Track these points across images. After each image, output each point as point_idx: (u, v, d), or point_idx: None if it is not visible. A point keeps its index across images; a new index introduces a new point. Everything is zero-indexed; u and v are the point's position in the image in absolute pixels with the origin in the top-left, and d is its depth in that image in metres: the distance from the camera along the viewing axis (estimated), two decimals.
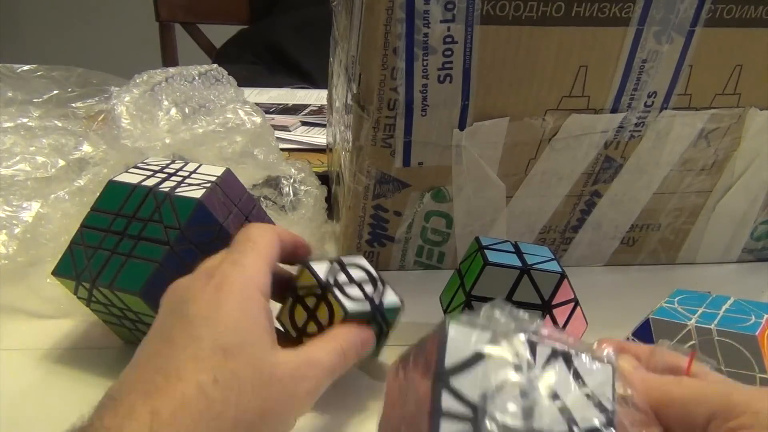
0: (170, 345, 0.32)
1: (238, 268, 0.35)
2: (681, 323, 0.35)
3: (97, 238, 0.41)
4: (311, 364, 0.35)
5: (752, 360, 0.33)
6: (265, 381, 0.33)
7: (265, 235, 0.38)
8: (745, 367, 0.33)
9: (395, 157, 0.50)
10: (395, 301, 0.40)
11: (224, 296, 0.34)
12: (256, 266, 0.36)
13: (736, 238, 0.60)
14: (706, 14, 0.47)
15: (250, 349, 0.33)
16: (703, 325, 0.35)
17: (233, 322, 0.33)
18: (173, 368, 0.31)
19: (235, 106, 0.56)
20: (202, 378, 0.31)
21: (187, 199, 0.41)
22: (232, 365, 0.32)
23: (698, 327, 0.35)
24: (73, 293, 0.42)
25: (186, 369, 0.31)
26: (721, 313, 0.36)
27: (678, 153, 0.53)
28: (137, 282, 0.39)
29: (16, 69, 0.65)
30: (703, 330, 0.35)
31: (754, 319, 0.35)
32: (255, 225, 0.39)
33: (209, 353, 0.32)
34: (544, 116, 0.49)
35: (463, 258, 0.44)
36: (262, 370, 0.33)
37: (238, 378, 0.32)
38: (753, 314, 0.36)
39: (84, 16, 2.24)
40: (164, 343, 0.33)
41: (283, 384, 0.33)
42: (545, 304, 0.41)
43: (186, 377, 0.31)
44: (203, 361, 0.31)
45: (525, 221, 0.56)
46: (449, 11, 0.44)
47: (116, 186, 0.42)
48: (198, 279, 0.35)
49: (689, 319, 0.35)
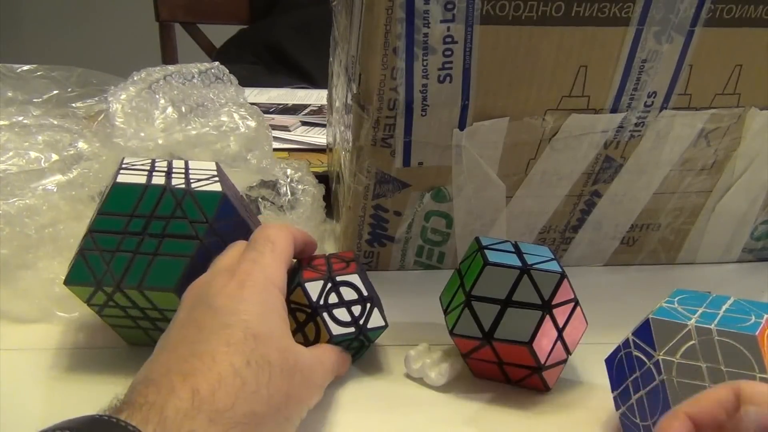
0: (200, 331, 0.35)
1: (258, 266, 0.38)
2: (681, 323, 0.35)
3: (114, 241, 0.41)
4: (321, 363, 0.39)
5: (752, 360, 0.33)
6: (291, 367, 0.36)
7: (282, 234, 0.41)
8: (746, 368, 0.33)
9: (395, 157, 0.50)
10: (380, 323, 0.43)
11: (248, 291, 0.36)
12: (274, 265, 0.39)
13: (736, 238, 0.60)
14: (706, 14, 0.47)
15: (278, 337, 0.36)
16: (703, 325, 0.35)
17: (259, 314, 0.36)
18: (207, 352, 0.33)
19: (231, 109, 0.56)
20: (236, 361, 0.33)
21: (211, 192, 0.42)
22: (262, 350, 0.34)
23: (698, 327, 0.35)
24: (86, 301, 0.42)
25: (219, 352, 0.33)
26: (721, 313, 0.36)
27: (678, 153, 0.53)
28: (171, 279, 0.40)
29: (16, 69, 0.65)
30: (703, 330, 0.34)
31: (754, 319, 0.35)
32: (272, 225, 0.42)
33: (241, 338, 0.34)
34: (544, 116, 0.49)
35: (463, 258, 0.44)
36: (287, 358, 0.36)
37: (269, 362, 0.34)
38: (753, 314, 0.35)
39: (84, 16, 2.24)
40: (194, 330, 0.35)
41: (303, 373, 0.36)
42: (545, 304, 0.40)
43: (220, 360, 0.33)
44: (236, 346, 0.34)
45: (525, 221, 0.56)
46: (449, 11, 0.44)
47: (124, 187, 0.42)
48: (219, 276, 0.38)
49: (689, 319, 0.35)
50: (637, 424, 0.37)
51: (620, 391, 0.38)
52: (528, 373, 0.42)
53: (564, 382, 0.44)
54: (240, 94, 0.63)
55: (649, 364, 0.36)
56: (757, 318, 0.35)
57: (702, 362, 0.34)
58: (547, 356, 0.41)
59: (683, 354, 0.34)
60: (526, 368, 0.42)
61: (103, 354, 0.44)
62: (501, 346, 0.41)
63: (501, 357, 0.42)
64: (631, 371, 0.37)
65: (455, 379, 0.43)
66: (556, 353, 0.41)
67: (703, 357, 0.34)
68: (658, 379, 0.35)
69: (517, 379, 0.43)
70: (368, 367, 0.45)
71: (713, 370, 0.34)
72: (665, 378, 0.35)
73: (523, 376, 0.42)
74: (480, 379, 0.44)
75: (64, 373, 0.43)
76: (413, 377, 0.43)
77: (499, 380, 0.43)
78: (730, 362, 0.33)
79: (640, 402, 0.36)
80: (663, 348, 0.35)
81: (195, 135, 0.54)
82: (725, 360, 0.34)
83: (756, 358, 0.33)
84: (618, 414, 0.38)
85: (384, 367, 0.45)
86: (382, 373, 0.44)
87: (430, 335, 0.47)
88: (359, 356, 0.45)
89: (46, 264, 0.47)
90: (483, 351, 0.41)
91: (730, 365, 0.33)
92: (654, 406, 0.35)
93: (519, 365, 0.42)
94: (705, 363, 0.34)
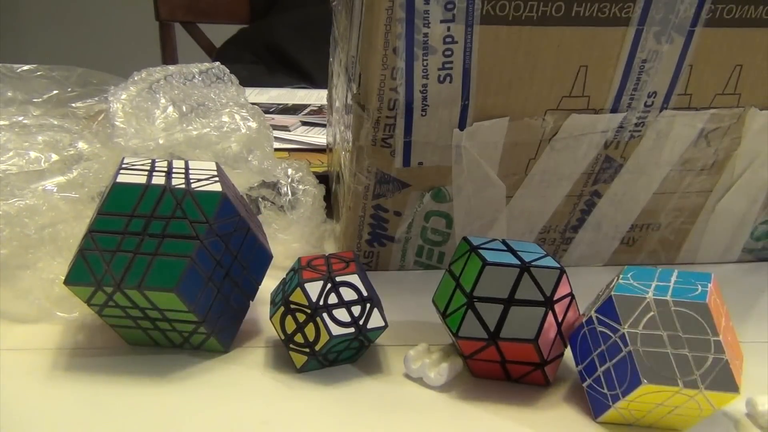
0: None
1: None
2: (640, 296, 0.38)
3: (114, 241, 0.41)
4: None
5: (705, 325, 0.37)
6: None
7: None
8: (701, 333, 0.37)
9: (395, 157, 0.50)
10: (380, 323, 0.43)
11: None
12: None
13: (736, 238, 0.60)
14: (706, 14, 0.47)
15: None
16: (659, 297, 0.38)
17: None
18: None
19: (232, 109, 0.56)
20: None
21: (211, 193, 0.42)
22: None
23: (656, 299, 0.38)
24: (86, 301, 0.42)
25: None
26: (671, 285, 0.39)
27: (678, 153, 0.53)
28: (171, 279, 0.40)
29: (16, 69, 0.65)
30: (661, 302, 0.38)
31: (701, 289, 0.39)
32: None
33: None
34: (544, 116, 0.49)
35: (454, 259, 0.44)
36: None
37: None
38: (699, 284, 0.39)
39: (84, 16, 2.24)
40: None
41: None
42: (548, 300, 0.41)
43: None
44: None
45: (525, 221, 0.56)
46: (449, 11, 0.44)
47: (124, 187, 0.42)
48: None
49: (646, 293, 0.38)
50: (605, 394, 0.39)
51: (585, 365, 0.40)
52: (530, 369, 0.42)
53: (561, 376, 0.44)
54: (241, 94, 0.63)
55: (615, 338, 0.38)
56: (702, 287, 0.39)
57: (662, 331, 0.37)
58: (549, 351, 0.41)
59: (645, 325, 0.38)
60: (529, 365, 0.42)
61: (103, 354, 0.44)
62: (506, 345, 0.41)
63: (505, 356, 0.42)
64: (596, 346, 0.40)
65: (454, 379, 0.43)
66: (555, 347, 0.42)
67: (663, 326, 0.38)
68: (625, 350, 0.38)
69: (519, 375, 0.43)
70: (368, 367, 0.45)
71: (673, 337, 0.37)
72: (632, 349, 0.37)
73: (525, 373, 0.42)
74: (479, 379, 0.44)
75: (64, 372, 0.43)
76: (412, 377, 0.43)
77: (499, 378, 0.43)
78: (687, 329, 0.37)
79: (607, 373, 0.39)
80: (627, 321, 0.38)
81: (196, 135, 0.54)
82: (683, 327, 0.37)
83: (708, 324, 0.37)
84: (585, 386, 0.41)
85: (383, 367, 0.45)
86: (382, 373, 0.44)
87: (429, 335, 0.47)
88: (359, 356, 0.45)
89: (45, 264, 0.47)
90: (487, 351, 0.41)
91: (688, 331, 0.37)
92: (622, 376, 0.38)
93: (522, 362, 0.42)
94: (665, 331, 0.37)
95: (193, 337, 0.44)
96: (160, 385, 0.42)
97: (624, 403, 0.38)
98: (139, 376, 0.42)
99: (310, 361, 0.43)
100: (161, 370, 0.43)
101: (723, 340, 0.37)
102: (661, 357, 0.37)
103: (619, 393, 0.38)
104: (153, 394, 0.41)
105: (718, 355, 0.37)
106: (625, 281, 0.40)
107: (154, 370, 0.43)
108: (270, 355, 0.45)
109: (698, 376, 0.36)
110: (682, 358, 0.37)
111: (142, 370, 0.43)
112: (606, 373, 0.39)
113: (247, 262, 0.44)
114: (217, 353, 0.45)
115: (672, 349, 0.37)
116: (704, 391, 0.36)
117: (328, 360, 0.43)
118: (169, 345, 0.45)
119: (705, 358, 0.37)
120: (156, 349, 0.45)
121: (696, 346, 0.37)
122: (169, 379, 0.42)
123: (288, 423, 0.39)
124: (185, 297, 0.40)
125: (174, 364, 0.44)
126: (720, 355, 0.37)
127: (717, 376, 0.36)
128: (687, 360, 0.37)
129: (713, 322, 0.37)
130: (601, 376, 0.39)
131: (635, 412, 0.39)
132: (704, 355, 0.37)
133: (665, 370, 0.37)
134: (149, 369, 0.43)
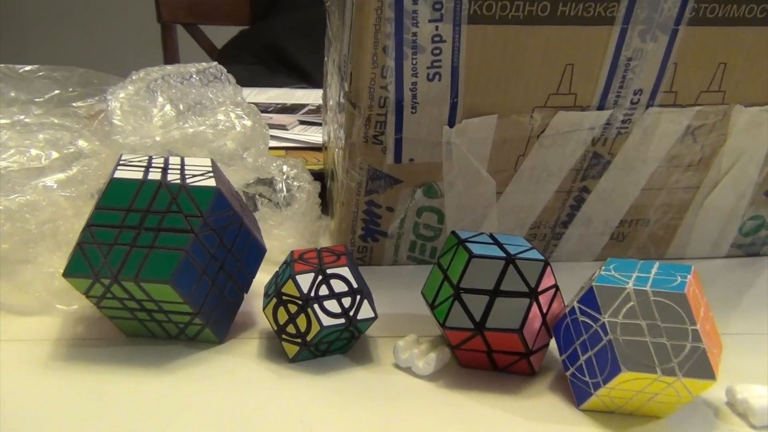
0: None
1: None
2: (621, 287, 0.39)
3: (111, 234, 0.42)
4: None
5: (683, 315, 0.38)
6: None
7: None
8: (679, 322, 0.38)
9: (387, 154, 0.51)
10: (370, 314, 0.44)
11: None
12: None
13: (725, 234, 0.61)
14: (690, 13, 0.48)
15: None
16: (639, 287, 0.39)
17: None
18: None
19: (227, 108, 0.57)
20: None
21: (205, 188, 0.43)
22: None
23: (636, 290, 0.39)
24: (84, 293, 0.43)
25: None
26: (651, 276, 0.40)
27: (664, 149, 0.54)
28: (166, 271, 0.41)
29: (19, 69, 0.66)
30: (640, 292, 0.39)
31: (680, 279, 0.40)
32: None
33: None
34: (531, 113, 0.50)
35: (442, 252, 0.45)
36: None
37: None
38: (678, 275, 0.40)
39: (86, 18, 2.26)
40: None
41: None
42: (532, 291, 0.42)
43: None
44: None
45: (516, 216, 0.57)
46: (437, 11, 0.45)
47: (121, 182, 0.43)
48: None
49: (626, 284, 0.40)
50: (587, 382, 0.40)
51: (568, 354, 0.42)
52: (516, 359, 0.43)
53: (547, 365, 0.45)
54: (238, 93, 0.65)
55: (596, 327, 0.40)
56: (682, 278, 0.40)
57: (642, 320, 0.39)
58: (534, 341, 0.42)
59: (625, 314, 0.39)
60: (514, 354, 0.43)
61: (101, 345, 0.46)
62: (492, 335, 0.42)
63: (491, 345, 0.43)
64: (578, 335, 0.41)
65: (442, 368, 0.44)
66: (540, 337, 0.43)
67: (642, 315, 0.39)
68: (605, 339, 0.39)
69: (505, 365, 0.44)
70: (358, 357, 0.46)
71: (652, 326, 0.38)
72: (612, 338, 0.39)
73: (511, 362, 0.44)
74: (466, 368, 0.45)
75: (64, 363, 0.44)
76: (401, 367, 0.45)
77: (486, 368, 0.44)
78: (666, 318, 0.38)
79: (588, 362, 0.40)
80: (607, 311, 0.39)
81: (192, 133, 0.55)
82: (661, 316, 0.38)
83: (686, 313, 0.38)
84: (568, 375, 0.42)
85: (373, 357, 0.46)
86: (372, 363, 0.45)
87: (418, 327, 0.48)
88: (349, 347, 0.46)
89: (45, 258, 0.49)
90: (474, 341, 0.43)
91: (666, 321, 0.38)
92: (603, 364, 0.39)
93: (508, 352, 0.43)
94: (644, 321, 0.38)
95: (189, 329, 0.45)
96: (157, 374, 0.43)
97: (605, 391, 0.39)
98: (137, 366, 0.44)
99: (302, 352, 0.44)
100: (158, 361, 0.44)
101: (701, 329, 0.38)
102: (640, 345, 0.38)
103: (600, 381, 0.39)
104: (150, 383, 0.42)
105: (695, 343, 0.38)
106: (607, 272, 0.41)
107: (151, 361, 0.44)
108: (263, 346, 0.46)
109: (676, 363, 0.38)
110: (660, 346, 0.38)
111: (139, 360, 0.44)
112: (588, 362, 0.40)
113: (241, 255, 0.46)
114: (212, 344, 0.46)
115: (651, 337, 0.38)
116: (682, 378, 0.37)
117: (320, 350, 0.45)
118: (165, 336, 0.46)
119: (683, 347, 0.38)
120: (152, 340, 0.46)
121: (674, 335, 0.38)
122: (165, 369, 0.44)
123: (279, 410, 0.41)
124: (180, 288, 0.42)
125: (170, 355, 0.45)
126: (697, 344, 0.38)
127: (694, 364, 0.38)
128: (665, 348, 0.38)
129: (691, 312, 0.38)
130: (583, 365, 0.41)
131: (616, 400, 0.40)
132: (682, 344, 0.38)
133: (644, 358, 0.38)
134: (146, 359, 0.44)
